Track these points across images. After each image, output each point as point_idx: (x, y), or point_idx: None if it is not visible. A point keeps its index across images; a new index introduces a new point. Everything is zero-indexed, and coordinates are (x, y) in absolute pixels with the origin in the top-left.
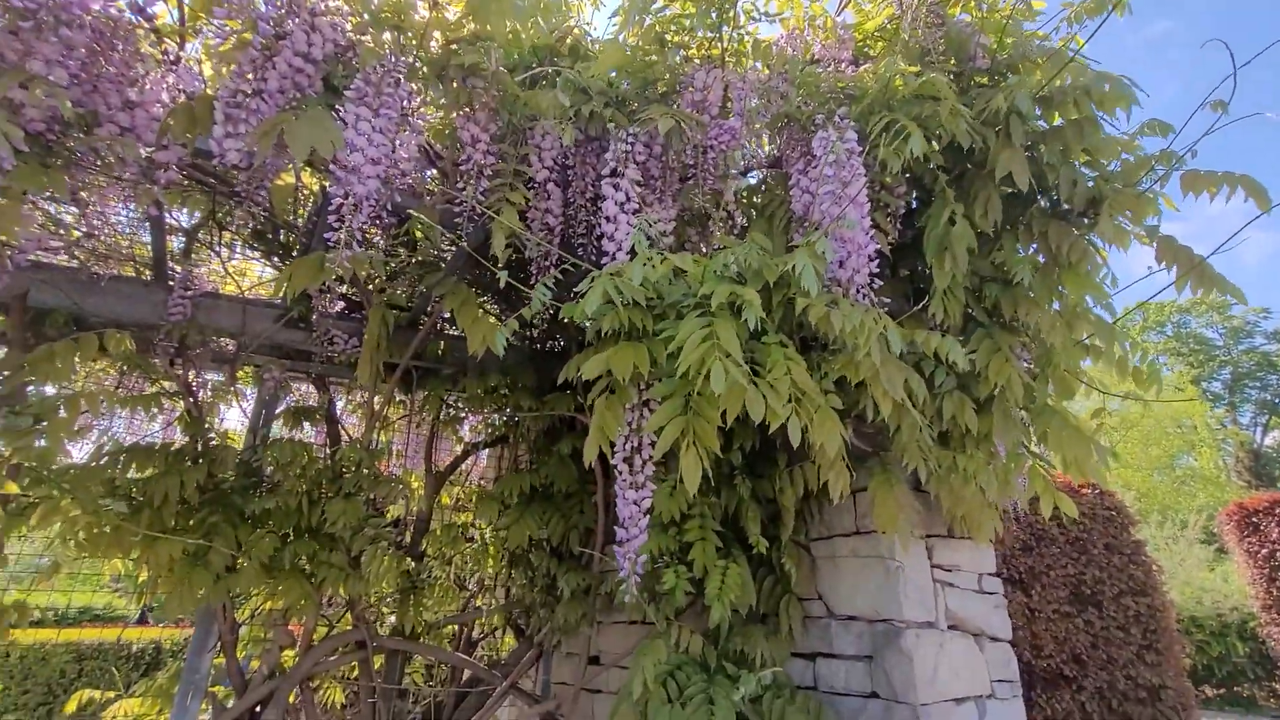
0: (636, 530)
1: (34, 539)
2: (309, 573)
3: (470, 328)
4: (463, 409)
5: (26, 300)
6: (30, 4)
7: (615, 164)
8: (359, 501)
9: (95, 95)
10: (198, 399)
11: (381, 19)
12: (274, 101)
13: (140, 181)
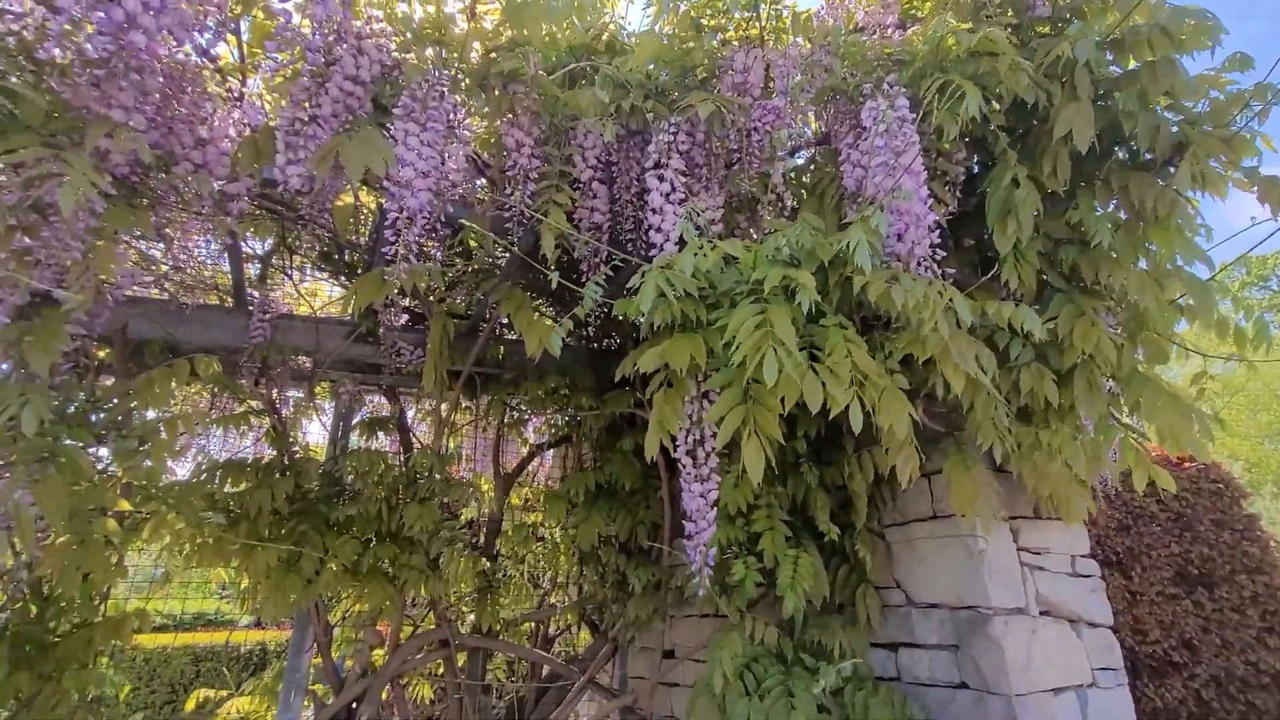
0: (704, 524)
1: (150, 551)
2: (391, 575)
3: (527, 331)
4: (525, 411)
5: (126, 333)
6: (104, 53)
7: (658, 155)
8: (434, 505)
9: (170, 136)
10: (281, 415)
11: (423, 35)
12: (329, 126)
13: (215, 214)
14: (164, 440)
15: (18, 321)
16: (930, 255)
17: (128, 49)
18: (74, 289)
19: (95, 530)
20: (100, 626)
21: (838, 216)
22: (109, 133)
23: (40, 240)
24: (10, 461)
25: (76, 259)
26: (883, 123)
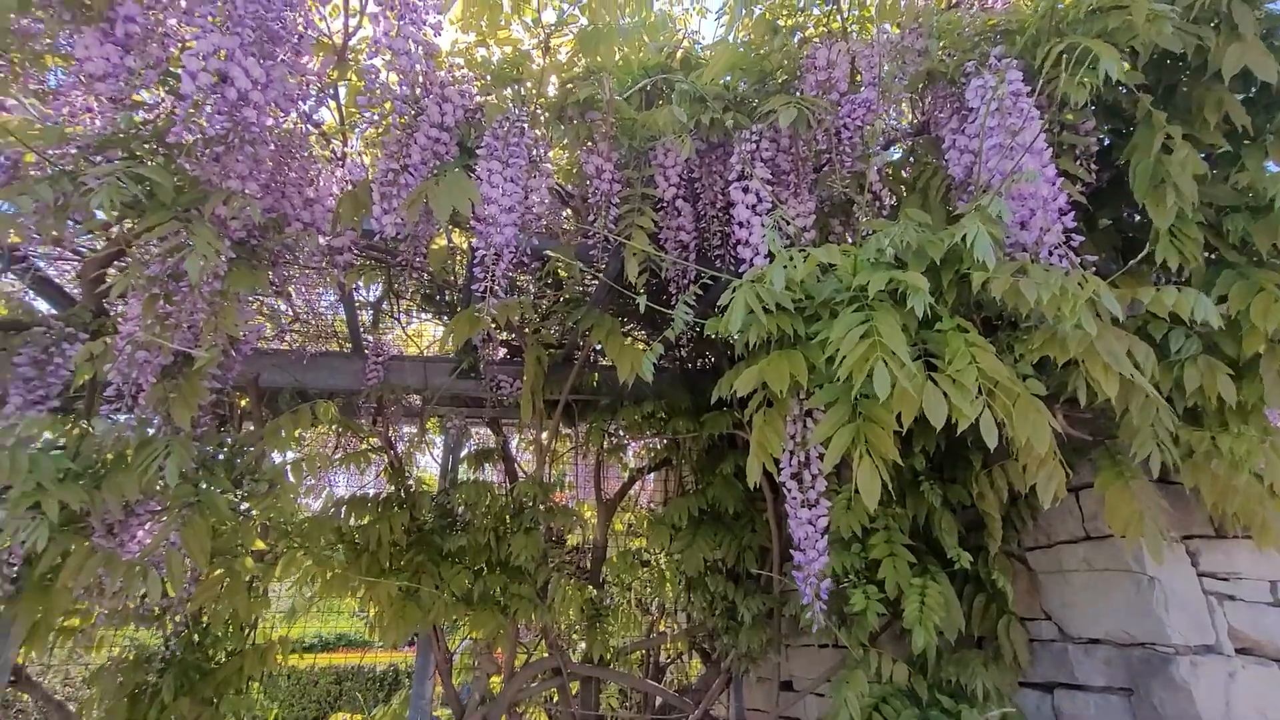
0: (815, 552)
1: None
2: (502, 604)
3: (618, 357)
4: (624, 436)
5: (259, 383)
6: (221, 129)
7: (741, 167)
8: (538, 534)
9: (282, 200)
10: (397, 451)
11: (502, 75)
12: (419, 173)
13: (326, 267)
14: (291, 482)
15: (164, 380)
16: (1063, 241)
17: (241, 124)
18: (206, 347)
19: (237, 568)
20: (250, 655)
21: (946, 210)
22: (226, 201)
23: (176, 304)
24: (164, 508)
25: (207, 320)
26: (993, 100)
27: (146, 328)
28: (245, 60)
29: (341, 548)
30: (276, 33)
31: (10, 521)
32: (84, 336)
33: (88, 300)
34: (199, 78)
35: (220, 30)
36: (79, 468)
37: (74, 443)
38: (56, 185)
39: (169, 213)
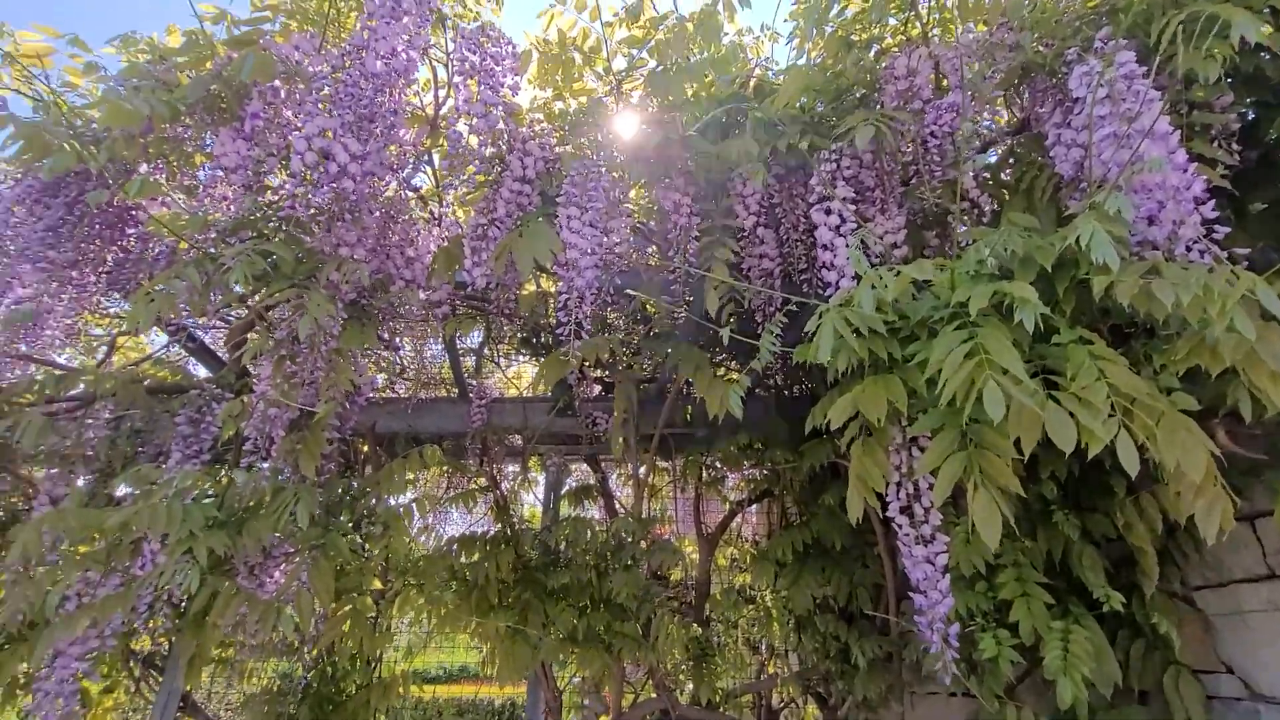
0: (938, 594)
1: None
2: (607, 643)
3: (707, 391)
4: (722, 469)
5: (376, 429)
6: (325, 201)
7: (821, 189)
8: (638, 571)
9: (387, 261)
10: (502, 490)
11: (578, 123)
12: (505, 225)
13: (426, 319)
14: (403, 524)
15: (292, 433)
16: (1204, 234)
17: (342, 195)
18: (324, 401)
19: (358, 605)
20: (376, 688)
21: (1055, 211)
22: (338, 267)
23: (299, 364)
24: (295, 550)
25: (324, 376)
26: (1101, 86)
27: (275, 386)
28: (345, 138)
29: (454, 585)
30: (372, 112)
31: (168, 566)
32: (229, 396)
33: (233, 364)
34: (306, 157)
35: (324, 114)
36: (224, 515)
37: (221, 492)
38: (201, 267)
39: (289, 282)
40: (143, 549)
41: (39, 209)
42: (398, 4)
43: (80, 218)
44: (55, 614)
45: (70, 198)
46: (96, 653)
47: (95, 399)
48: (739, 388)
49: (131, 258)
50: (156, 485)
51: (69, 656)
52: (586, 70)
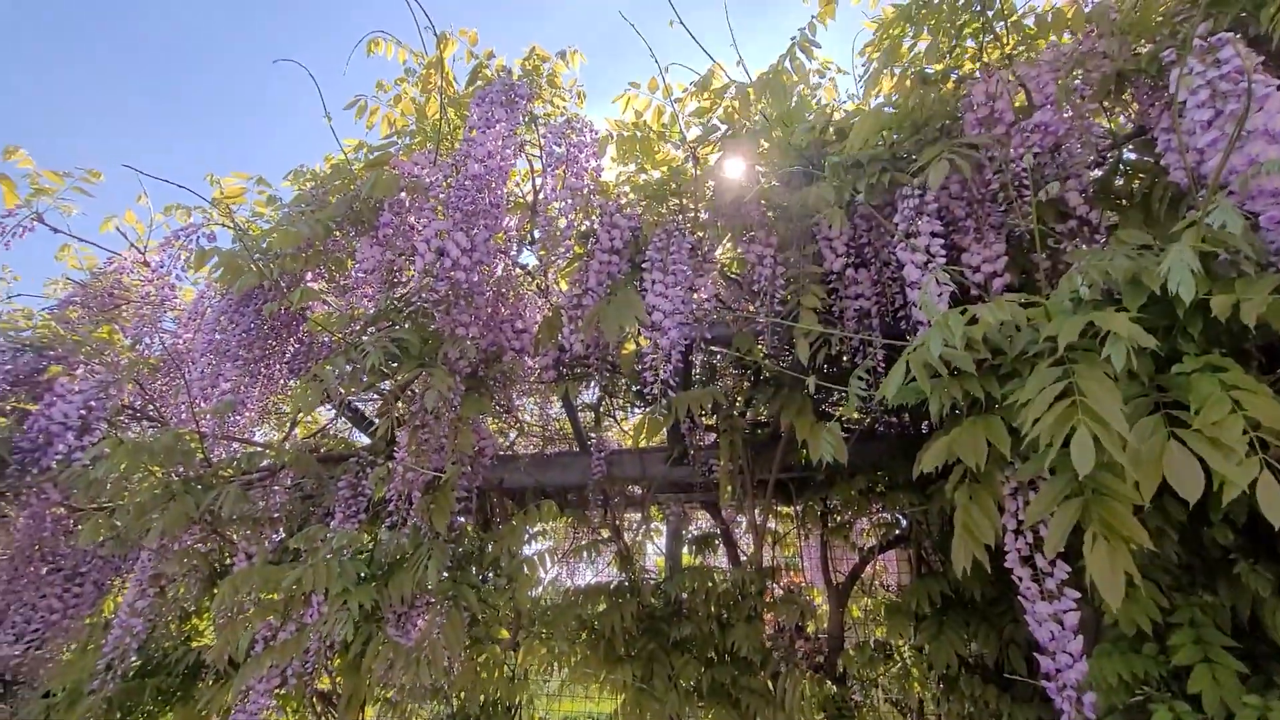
0: (1068, 657)
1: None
2: (734, 698)
3: (810, 437)
4: (846, 514)
5: (504, 484)
6: (443, 290)
7: (905, 225)
8: (760, 624)
9: (499, 335)
10: (625, 540)
11: (660, 192)
12: (597, 294)
13: (536, 384)
14: (527, 577)
15: (427, 494)
16: None
17: (455, 284)
18: (450, 465)
19: (490, 654)
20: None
21: (1175, 221)
22: (454, 345)
23: (429, 432)
24: (426, 604)
25: (449, 442)
26: (1203, 87)
27: (411, 452)
28: (455, 235)
29: (583, 635)
30: (477, 209)
31: (329, 616)
32: (380, 462)
33: (384, 434)
34: (426, 256)
35: (439, 217)
36: (373, 571)
37: (370, 551)
38: (348, 355)
39: (417, 362)
40: (311, 600)
41: (237, 318)
42: (491, 115)
43: (265, 322)
44: (247, 656)
45: (257, 306)
46: (284, 690)
47: (279, 469)
48: (832, 435)
49: (305, 349)
50: (321, 544)
51: (258, 692)
52: (664, 142)
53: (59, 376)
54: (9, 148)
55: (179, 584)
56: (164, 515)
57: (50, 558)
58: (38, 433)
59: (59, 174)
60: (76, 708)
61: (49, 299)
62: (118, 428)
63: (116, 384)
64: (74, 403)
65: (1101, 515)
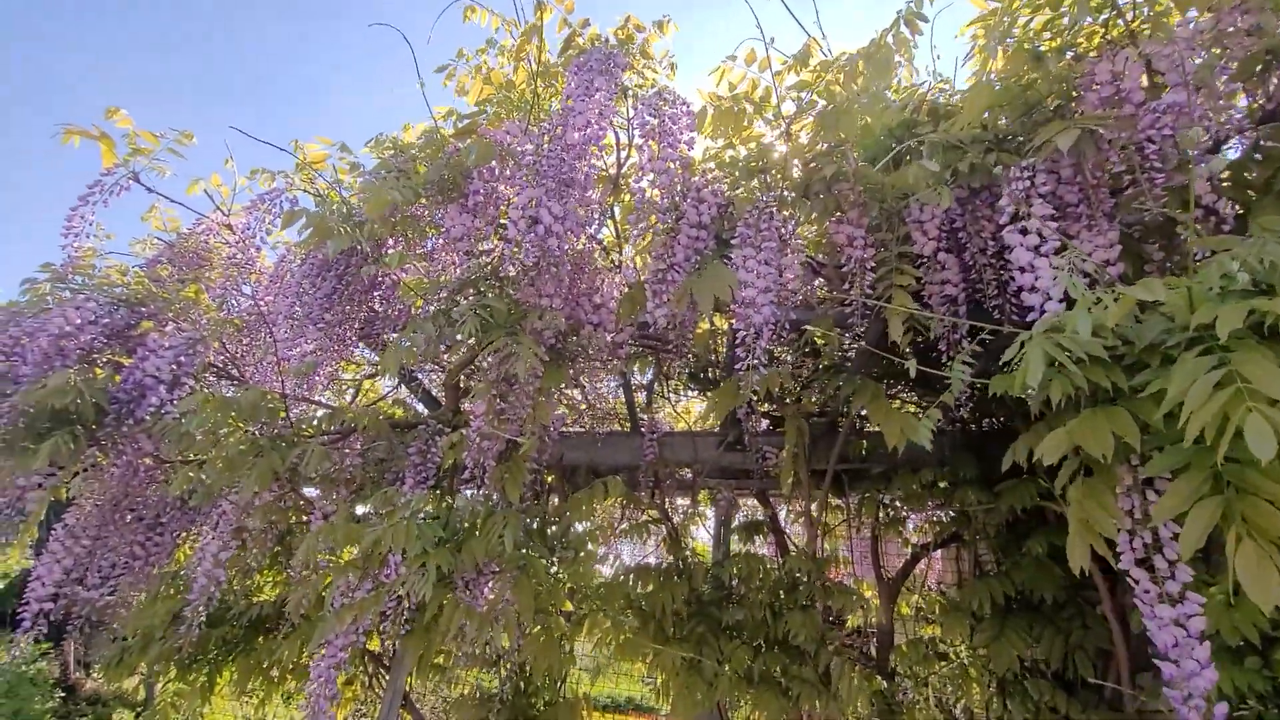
0: (1195, 663)
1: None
2: (784, 686)
3: (885, 424)
4: (902, 508)
5: (563, 461)
6: (533, 258)
7: (1014, 208)
8: (815, 613)
9: (577, 308)
10: (674, 523)
11: (749, 168)
12: (683, 269)
13: (610, 358)
14: (592, 551)
15: (500, 463)
16: None
17: (547, 253)
18: (527, 435)
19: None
20: (562, 707)
21: None
22: (540, 316)
23: (509, 403)
24: (499, 570)
25: (528, 413)
26: None
27: (488, 421)
28: (549, 203)
29: (630, 614)
30: (570, 178)
31: (409, 576)
32: (447, 431)
33: (450, 403)
34: (519, 223)
35: (531, 185)
36: (447, 535)
37: (444, 514)
38: (435, 321)
39: (502, 330)
40: (389, 560)
41: (319, 281)
42: (591, 83)
43: (346, 286)
44: (323, 611)
45: (339, 271)
46: (351, 646)
47: (351, 432)
48: (930, 420)
49: (375, 316)
50: (396, 507)
51: (335, 646)
52: (757, 118)
53: (150, 332)
54: (110, 108)
55: (256, 538)
56: (252, 470)
57: (133, 507)
58: (133, 385)
59: (155, 135)
60: (148, 652)
61: (137, 257)
62: (203, 384)
63: (203, 341)
64: (165, 357)
65: (1247, 514)
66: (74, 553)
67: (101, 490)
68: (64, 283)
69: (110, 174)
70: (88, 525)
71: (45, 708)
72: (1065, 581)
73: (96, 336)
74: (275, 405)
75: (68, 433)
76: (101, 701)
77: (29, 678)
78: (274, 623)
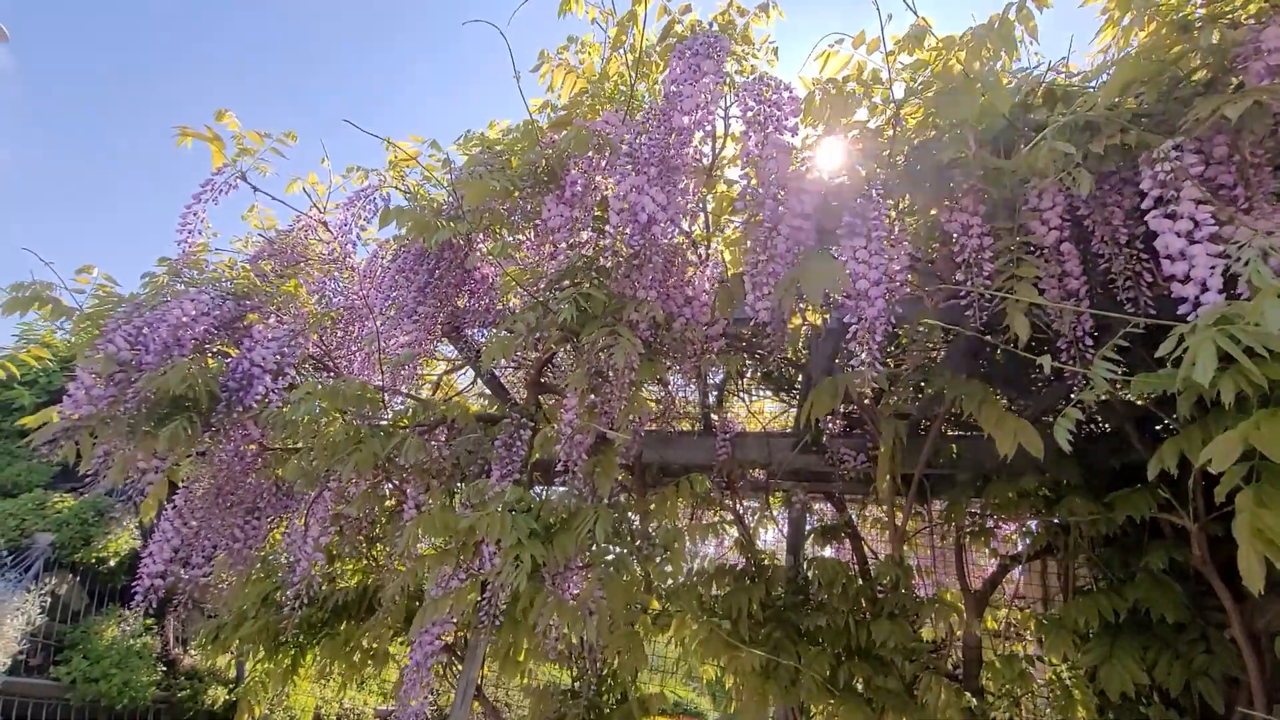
0: None
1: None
2: (866, 697)
3: (996, 428)
4: (991, 518)
5: (641, 459)
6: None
7: (1160, 191)
8: (905, 622)
9: (668, 301)
10: (746, 524)
11: (854, 156)
12: (784, 261)
13: (702, 354)
14: (678, 549)
15: (590, 457)
16: None
17: (649, 242)
18: (620, 429)
19: (638, 623)
20: (635, 704)
21: None
22: (637, 307)
23: (599, 396)
24: (584, 565)
25: (622, 405)
26: None
27: (580, 415)
28: (651, 191)
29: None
30: (674, 165)
31: (504, 567)
32: (530, 425)
33: (530, 399)
34: (623, 213)
35: (632, 174)
36: (540, 527)
37: (536, 508)
38: (534, 312)
39: (599, 322)
40: (482, 551)
41: (412, 276)
42: (697, 68)
43: (438, 281)
44: (426, 598)
45: (430, 266)
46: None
47: (439, 424)
48: (1068, 421)
49: (457, 312)
50: (488, 498)
51: (432, 632)
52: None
53: (255, 324)
54: (220, 110)
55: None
56: (353, 457)
57: (233, 492)
58: (241, 374)
59: (260, 134)
60: (241, 629)
61: (238, 253)
62: (303, 375)
63: (303, 334)
64: (270, 348)
65: None
66: (182, 533)
67: (209, 475)
68: (178, 276)
69: (220, 173)
70: (195, 508)
71: (150, 680)
72: (1184, 601)
73: (208, 327)
74: (375, 396)
75: (185, 418)
76: (198, 677)
77: (136, 651)
78: (356, 609)
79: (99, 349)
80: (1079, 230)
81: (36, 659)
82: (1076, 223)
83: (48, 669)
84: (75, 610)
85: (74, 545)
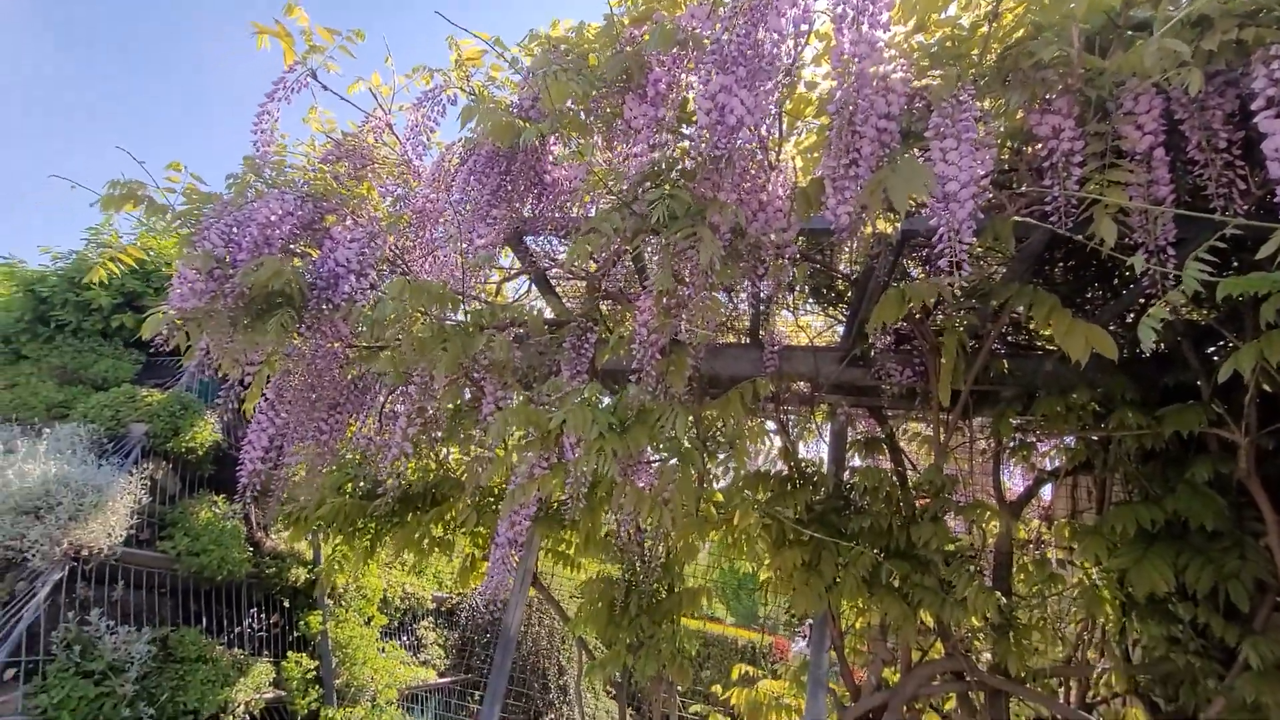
0: None
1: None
2: (903, 592)
3: (1067, 335)
4: (1032, 433)
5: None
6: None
7: (1274, 91)
8: (945, 524)
9: (742, 206)
10: (790, 435)
11: (942, 54)
12: (868, 163)
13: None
14: (741, 447)
15: (663, 358)
16: None
17: (733, 146)
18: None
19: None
20: (685, 595)
21: None
22: (719, 210)
23: (677, 297)
24: (655, 460)
25: (697, 308)
26: None
27: (656, 316)
28: (740, 92)
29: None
30: (758, 67)
31: (585, 459)
32: (594, 328)
33: (589, 305)
34: (711, 114)
35: (720, 73)
36: (618, 420)
37: (613, 404)
38: (619, 212)
39: (682, 223)
40: (563, 443)
41: (484, 179)
42: None
43: (511, 184)
44: (511, 483)
45: (502, 169)
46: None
47: (508, 326)
48: (1155, 318)
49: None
50: (566, 394)
51: (520, 516)
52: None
53: (334, 225)
54: (290, 4)
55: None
56: (444, 354)
57: (317, 388)
58: (326, 273)
59: (330, 31)
60: (319, 511)
61: (305, 154)
62: (382, 276)
63: (381, 235)
64: (352, 249)
65: None
66: (275, 423)
67: (303, 370)
68: (260, 176)
69: (291, 71)
70: (284, 401)
71: (243, 556)
72: (1226, 511)
73: (293, 227)
74: (455, 297)
75: (286, 312)
76: (280, 557)
77: (229, 531)
78: (422, 501)
79: (197, 245)
80: (1171, 137)
81: (145, 534)
82: (1169, 129)
83: (154, 544)
84: (171, 494)
85: (165, 435)
